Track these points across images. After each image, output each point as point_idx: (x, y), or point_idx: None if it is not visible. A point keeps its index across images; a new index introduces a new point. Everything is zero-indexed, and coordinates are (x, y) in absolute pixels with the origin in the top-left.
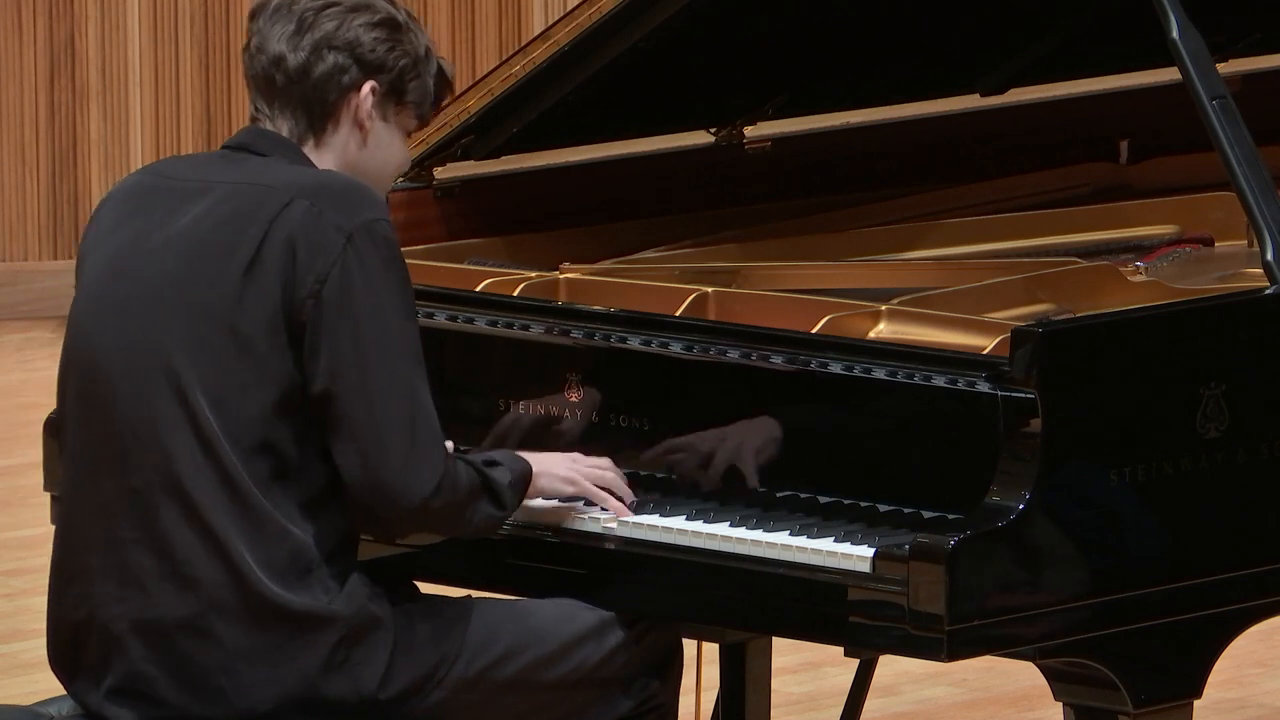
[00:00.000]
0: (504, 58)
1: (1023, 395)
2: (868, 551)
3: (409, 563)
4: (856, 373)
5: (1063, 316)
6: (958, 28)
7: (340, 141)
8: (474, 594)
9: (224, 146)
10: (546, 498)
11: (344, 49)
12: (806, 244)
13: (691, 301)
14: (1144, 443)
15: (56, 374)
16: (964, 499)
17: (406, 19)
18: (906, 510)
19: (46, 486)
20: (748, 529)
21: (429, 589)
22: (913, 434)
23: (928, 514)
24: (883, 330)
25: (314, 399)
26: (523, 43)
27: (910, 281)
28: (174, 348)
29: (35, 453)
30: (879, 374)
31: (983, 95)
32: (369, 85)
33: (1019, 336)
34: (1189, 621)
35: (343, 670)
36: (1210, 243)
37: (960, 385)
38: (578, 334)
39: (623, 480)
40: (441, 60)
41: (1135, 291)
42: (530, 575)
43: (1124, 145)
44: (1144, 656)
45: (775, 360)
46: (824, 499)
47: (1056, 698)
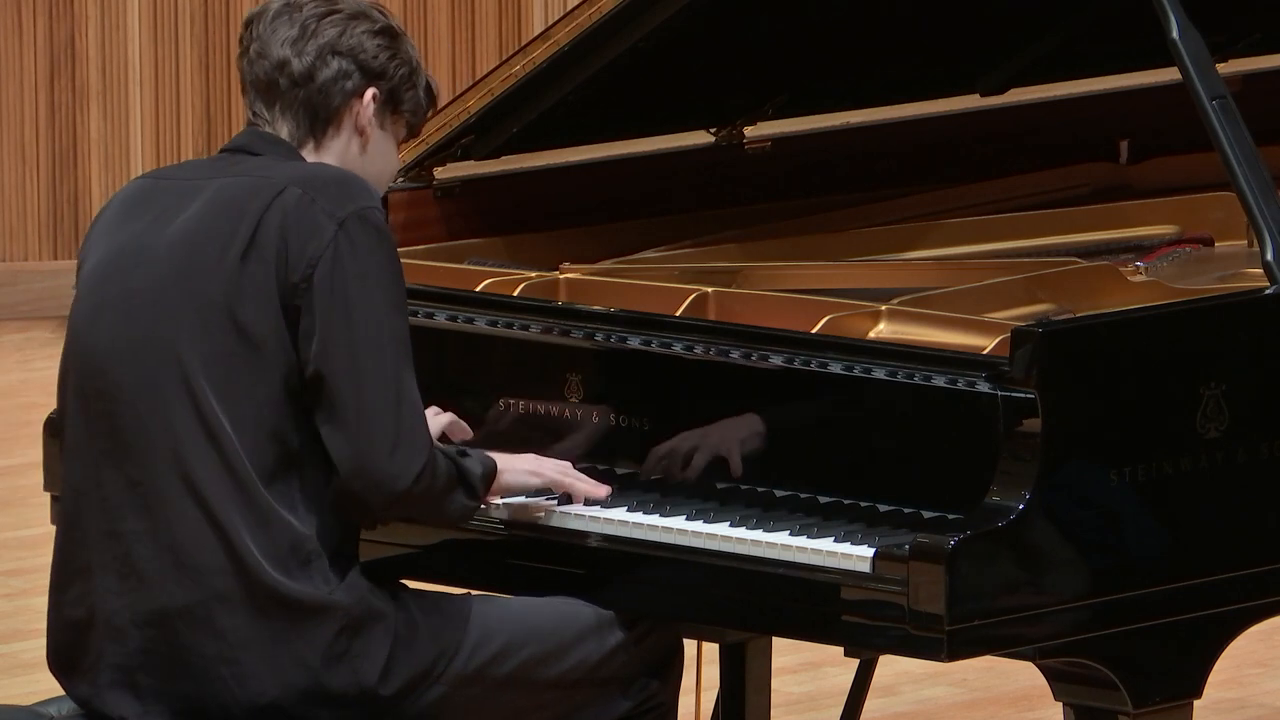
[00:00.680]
0: (504, 58)
1: (1023, 395)
2: (868, 551)
3: (405, 563)
4: (856, 373)
5: (1063, 316)
6: (958, 28)
7: (340, 146)
8: (474, 593)
9: (223, 150)
10: (514, 493)
11: (347, 55)
12: (806, 244)
13: (691, 301)
14: (1144, 443)
15: (57, 373)
16: (964, 499)
17: (400, 29)
18: (906, 510)
19: (46, 486)
20: (748, 529)
21: (429, 588)
22: (913, 434)
23: (928, 514)
24: (883, 330)
25: (308, 383)
26: (523, 43)
27: (910, 281)
28: (177, 338)
29: (35, 453)
30: (879, 374)
31: (983, 95)
32: (370, 92)
33: (1019, 336)
34: (1189, 621)
35: (343, 661)
36: (1210, 243)
37: (960, 385)
38: (578, 334)
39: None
40: (429, 75)
41: (1135, 291)
42: (530, 575)
43: (1124, 145)
44: (1144, 656)
45: (775, 360)
46: (824, 499)
47: (1056, 698)
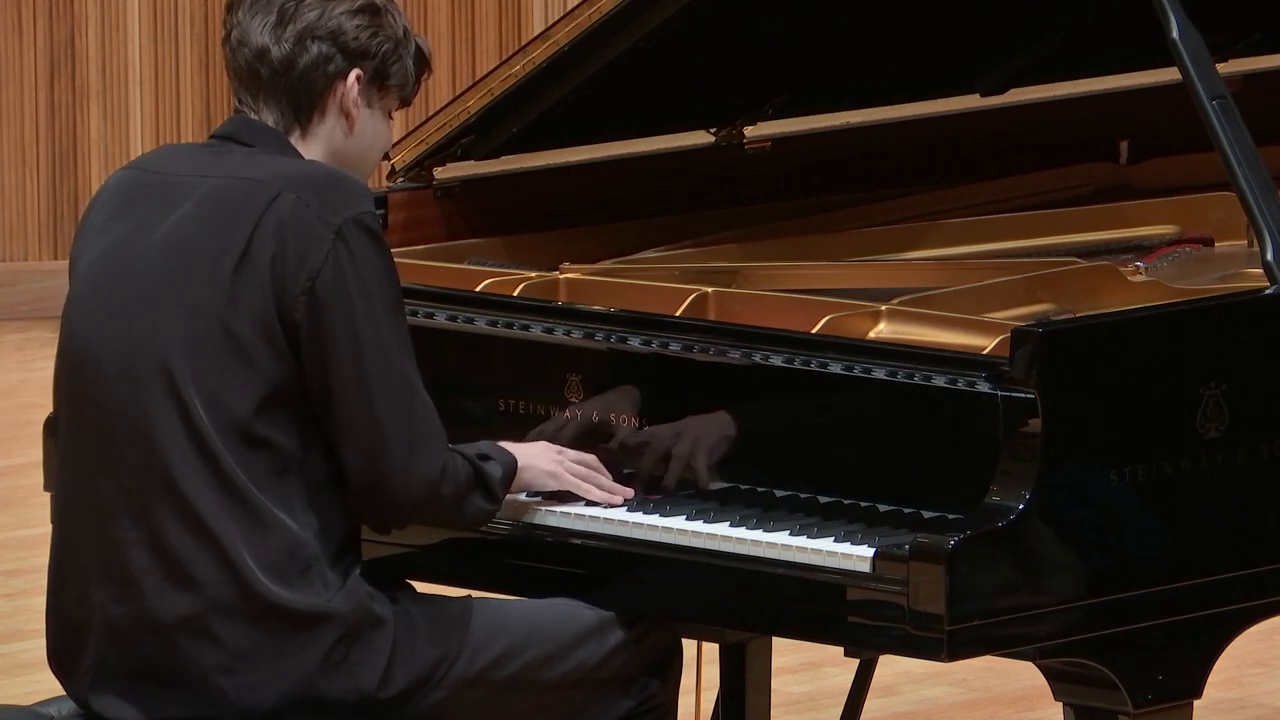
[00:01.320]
0: (504, 58)
1: (1023, 395)
2: (868, 551)
3: (405, 563)
4: (856, 373)
5: (1063, 316)
6: (958, 28)
7: (327, 130)
8: (474, 594)
9: (211, 136)
10: (531, 491)
11: (327, 38)
12: (806, 244)
13: (691, 301)
14: (1144, 443)
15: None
16: (964, 499)
17: (384, 1)
18: (906, 510)
19: (46, 486)
20: (748, 529)
21: (429, 589)
22: (913, 434)
23: (928, 514)
24: (883, 330)
25: (313, 396)
26: (523, 43)
27: (910, 281)
28: (167, 347)
29: (35, 453)
30: (879, 374)
31: (983, 95)
32: (354, 73)
33: (1019, 336)
34: (1189, 621)
35: (342, 668)
36: (1210, 243)
37: (960, 385)
38: (578, 334)
39: (606, 474)
40: (418, 38)
41: (1135, 291)
42: (530, 575)
43: (1124, 145)
44: (1144, 656)
45: (775, 360)
46: (824, 499)
47: (1056, 698)
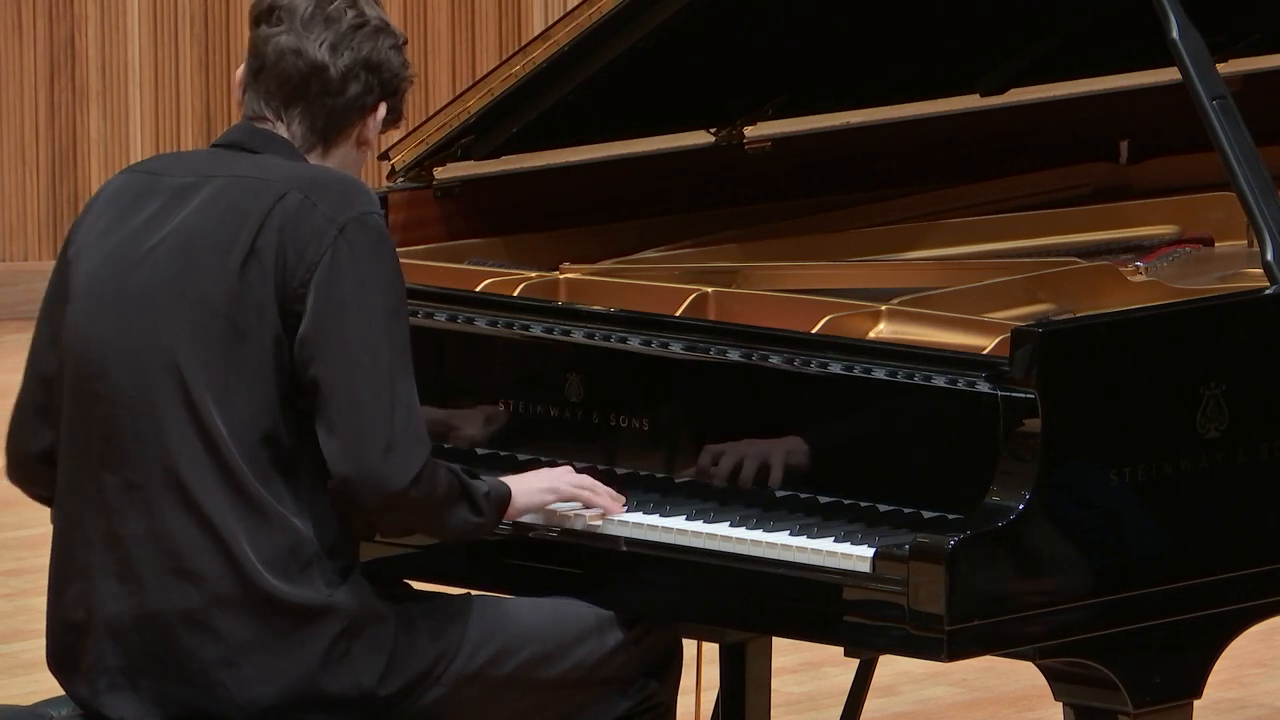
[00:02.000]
0: (504, 58)
1: (1023, 395)
2: (868, 551)
3: (405, 563)
4: (856, 373)
5: (1063, 316)
6: (958, 28)
7: (342, 154)
8: (474, 593)
9: (214, 144)
10: (531, 512)
11: (374, 70)
12: (806, 244)
13: (691, 301)
14: (1144, 443)
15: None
16: (964, 499)
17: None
18: (906, 510)
19: None
20: (748, 529)
21: (429, 589)
22: (913, 434)
23: (928, 514)
24: (883, 330)
25: (305, 387)
26: (523, 43)
27: (910, 281)
28: (176, 343)
29: None
30: (879, 374)
31: (983, 95)
32: (383, 107)
33: (1019, 336)
34: (1189, 621)
35: (343, 664)
36: (1210, 243)
37: (960, 385)
38: (578, 334)
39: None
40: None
41: (1135, 291)
42: (530, 575)
43: (1124, 145)
44: (1144, 656)
45: (775, 360)
46: (824, 499)
47: (1056, 698)
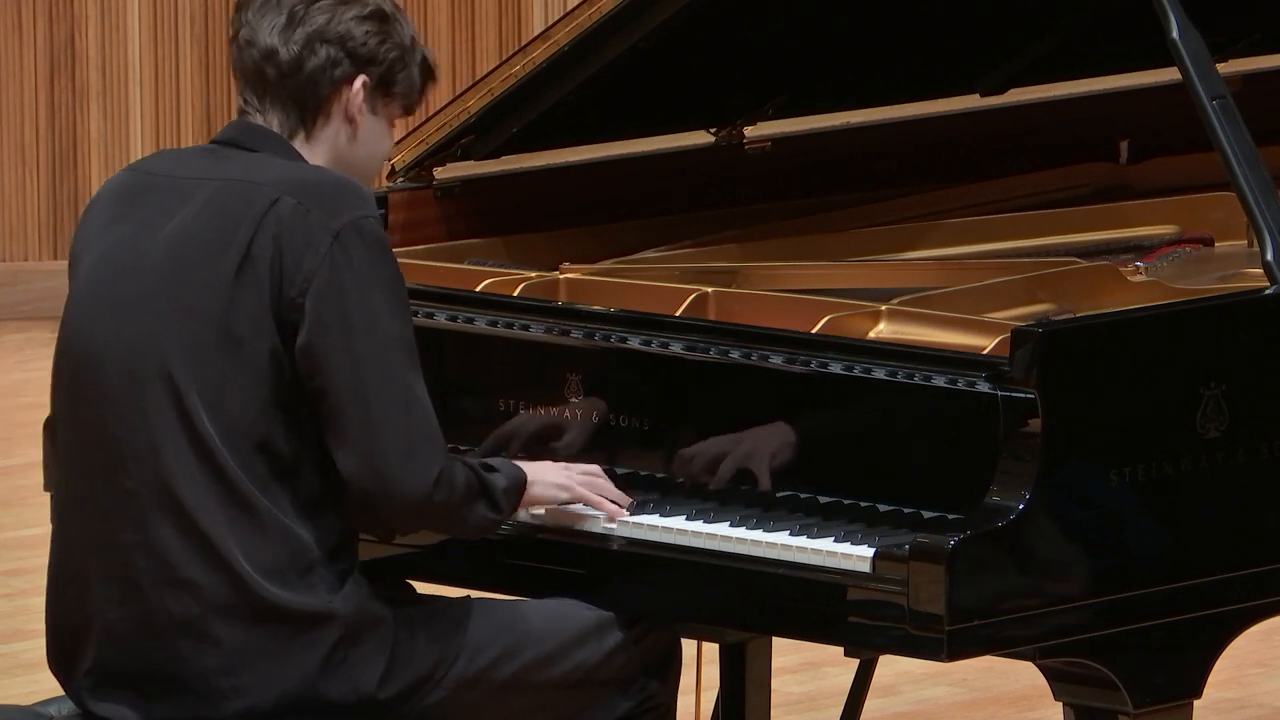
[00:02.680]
0: (504, 58)
1: (1023, 395)
2: (868, 551)
3: (405, 564)
4: (856, 373)
5: (1063, 316)
6: (958, 28)
7: (330, 134)
8: (473, 594)
9: (213, 141)
10: (542, 505)
11: (336, 43)
12: (806, 244)
13: (691, 301)
14: (1144, 443)
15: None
16: (964, 499)
17: (393, 9)
18: (906, 510)
19: (46, 486)
20: (748, 529)
21: (429, 589)
22: (913, 434)
23: (928, 514)
24: (883, 330)
25: (309, 398)
26: (523, 43)
27: (910, 281)
28: (169, 350)
29: (35, 453)
30: (879, 374)
31: (983, 95)
32: (360, 79)
33: (1019, 336)
34: (1189, 621)
35: (342, 670)
36: (1210, 243)
37: (960, 385)
38: (578, 334)
39: (612, 485)
40: (425, 49)
41: (1135, 291)
42: (530, 575)
43: (1124, 145)
44: (1144, 656)
45: (775, 360)
46: (824, 499)
47: (1056, 698)
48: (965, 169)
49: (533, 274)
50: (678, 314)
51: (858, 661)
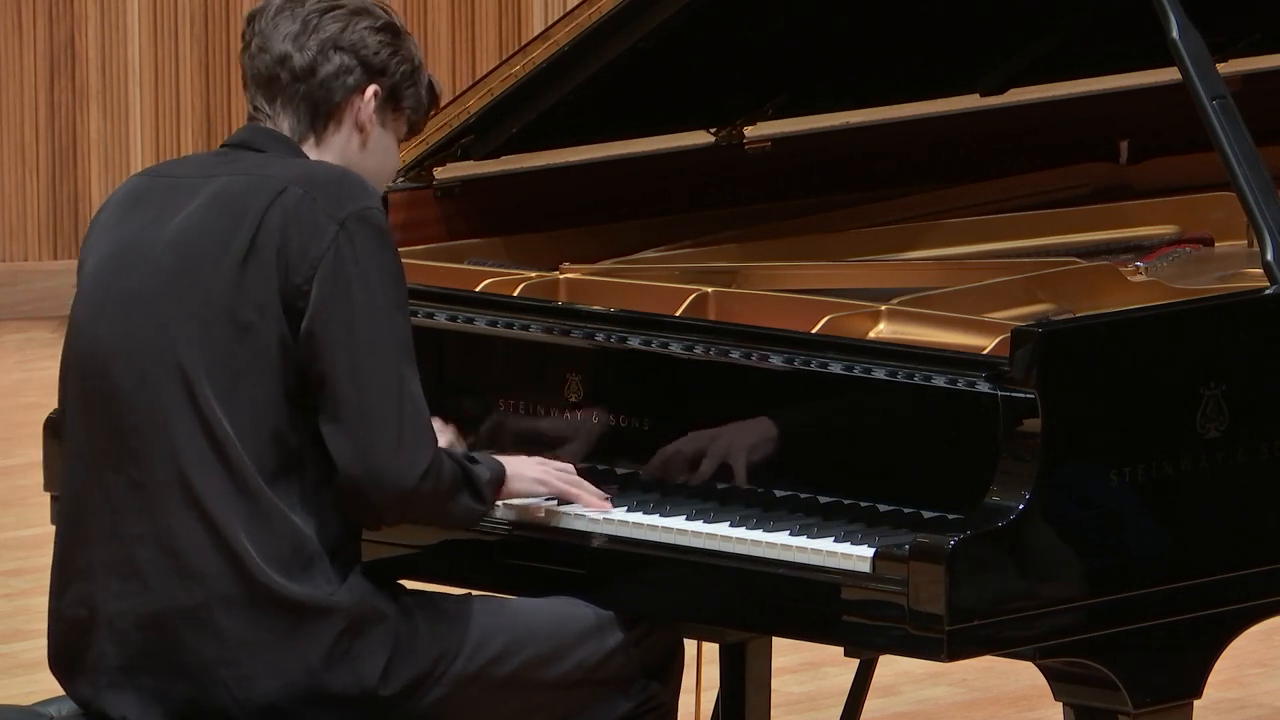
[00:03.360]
0: (504, 58)
1: (1023, 395)
2: (868, 551)
3: (406, 564)
4: (856, 373)
5: (1063, 316)
6: (958, 28)
7: (340, 142)
8: (474, 593)
9: (223, 145)
10: (520, 498)
11: (349, 50)
12: (806, 244)
13: (691, 301)
14: (1144, 443)
15: (58, 372)
16: (964, 499)
17: (403, 27)
18: (906, 510)
19: (46, 486)
20: (748, 529)
21: (429, 589)
22: (913, 434)
23: (928, 514)
24: (883, 330)
25: (310, 384)
26: (523, 43)
27: (910, 281)
28: (178, 340)
29: (35, 453)
30: (879, 374)
31: (983, 95)
32: (372, 88)
33: (1019, 336)
34: (1189, 621)
35: (344, 662)
36: (1210, 243)
37: (960, 385)
38: (578, 334)
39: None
40: (430, 75)
41: (1135, 291)
42: (530, 575)
43: (1124, 145)
44: (1144, 656)
45: (775, 360)
46: (824, 499)
47: (1056, 698)
48: (965, 169)
49: (533, 274)
50: (678, 314)
51: (858, 661)
